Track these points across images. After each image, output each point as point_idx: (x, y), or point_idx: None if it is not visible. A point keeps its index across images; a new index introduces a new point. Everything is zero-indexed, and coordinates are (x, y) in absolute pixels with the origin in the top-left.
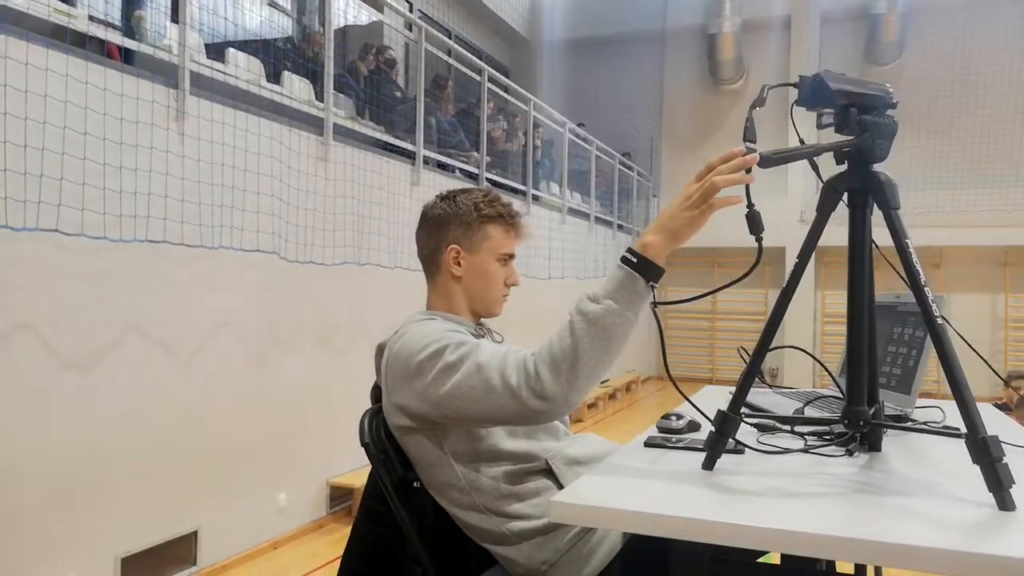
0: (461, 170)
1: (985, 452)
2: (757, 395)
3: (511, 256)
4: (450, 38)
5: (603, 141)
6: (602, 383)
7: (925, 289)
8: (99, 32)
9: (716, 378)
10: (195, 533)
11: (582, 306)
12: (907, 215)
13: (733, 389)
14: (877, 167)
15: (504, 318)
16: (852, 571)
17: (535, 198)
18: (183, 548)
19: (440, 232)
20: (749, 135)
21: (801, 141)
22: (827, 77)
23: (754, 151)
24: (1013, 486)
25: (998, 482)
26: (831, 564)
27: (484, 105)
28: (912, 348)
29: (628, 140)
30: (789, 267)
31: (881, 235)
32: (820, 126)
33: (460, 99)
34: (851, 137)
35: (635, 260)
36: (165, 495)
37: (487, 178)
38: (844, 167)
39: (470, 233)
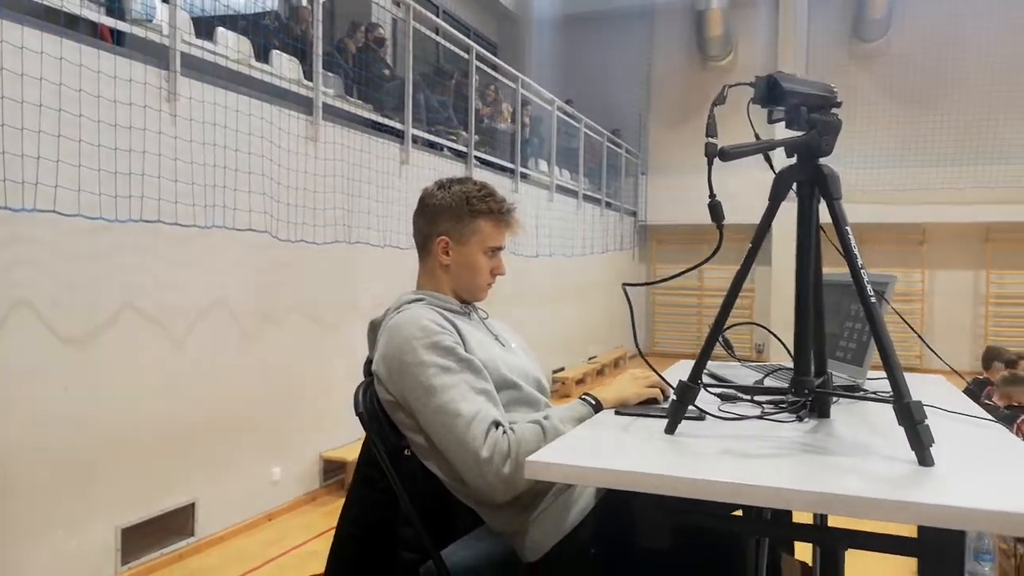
0: (450, 149)
1: (908, 415)
2: (727, 368)
3: (499, 248)
4: (438, 14)
5: (592, 118)
6: (590, 359)
7: (862, 271)
8: (91, 14)
9: None
10: (192, 505)
11: (558, 426)
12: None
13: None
14: (823, 160)
15: (492, 296)
16: (806, 519)
17: (523, 176)
18: (181, 519)
19: (432, 222)
20: (711, 131)
21: (756, 136)
22: (780, 78)
23: (715, 145)
24: (932, 445)
25: (919, 441)
26: (778, 512)
27: (472, 84)
28: (865, 324)
29: (617, 117)
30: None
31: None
32: (771, 121)
33: (448, 76)
34: (802, 133)
35: (594, 403)
36: (163, 468)
37: (476, 156)
38: (794, 160)
39: (460, 226)
